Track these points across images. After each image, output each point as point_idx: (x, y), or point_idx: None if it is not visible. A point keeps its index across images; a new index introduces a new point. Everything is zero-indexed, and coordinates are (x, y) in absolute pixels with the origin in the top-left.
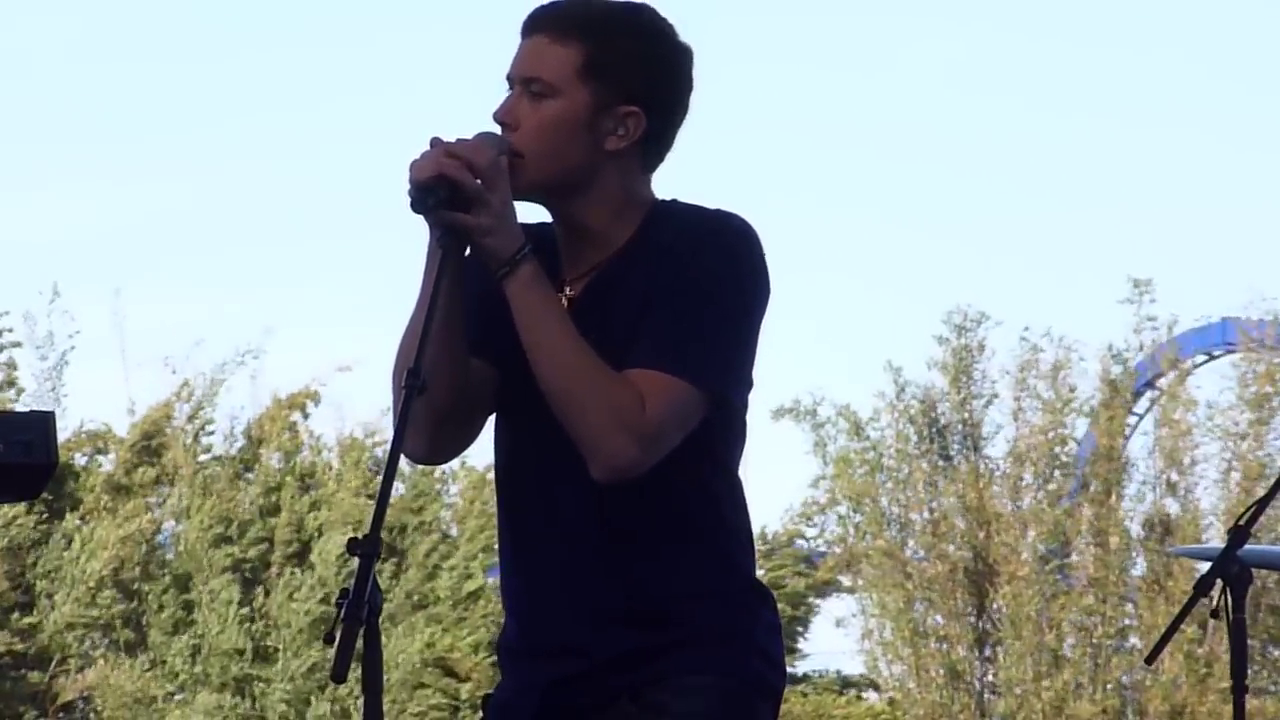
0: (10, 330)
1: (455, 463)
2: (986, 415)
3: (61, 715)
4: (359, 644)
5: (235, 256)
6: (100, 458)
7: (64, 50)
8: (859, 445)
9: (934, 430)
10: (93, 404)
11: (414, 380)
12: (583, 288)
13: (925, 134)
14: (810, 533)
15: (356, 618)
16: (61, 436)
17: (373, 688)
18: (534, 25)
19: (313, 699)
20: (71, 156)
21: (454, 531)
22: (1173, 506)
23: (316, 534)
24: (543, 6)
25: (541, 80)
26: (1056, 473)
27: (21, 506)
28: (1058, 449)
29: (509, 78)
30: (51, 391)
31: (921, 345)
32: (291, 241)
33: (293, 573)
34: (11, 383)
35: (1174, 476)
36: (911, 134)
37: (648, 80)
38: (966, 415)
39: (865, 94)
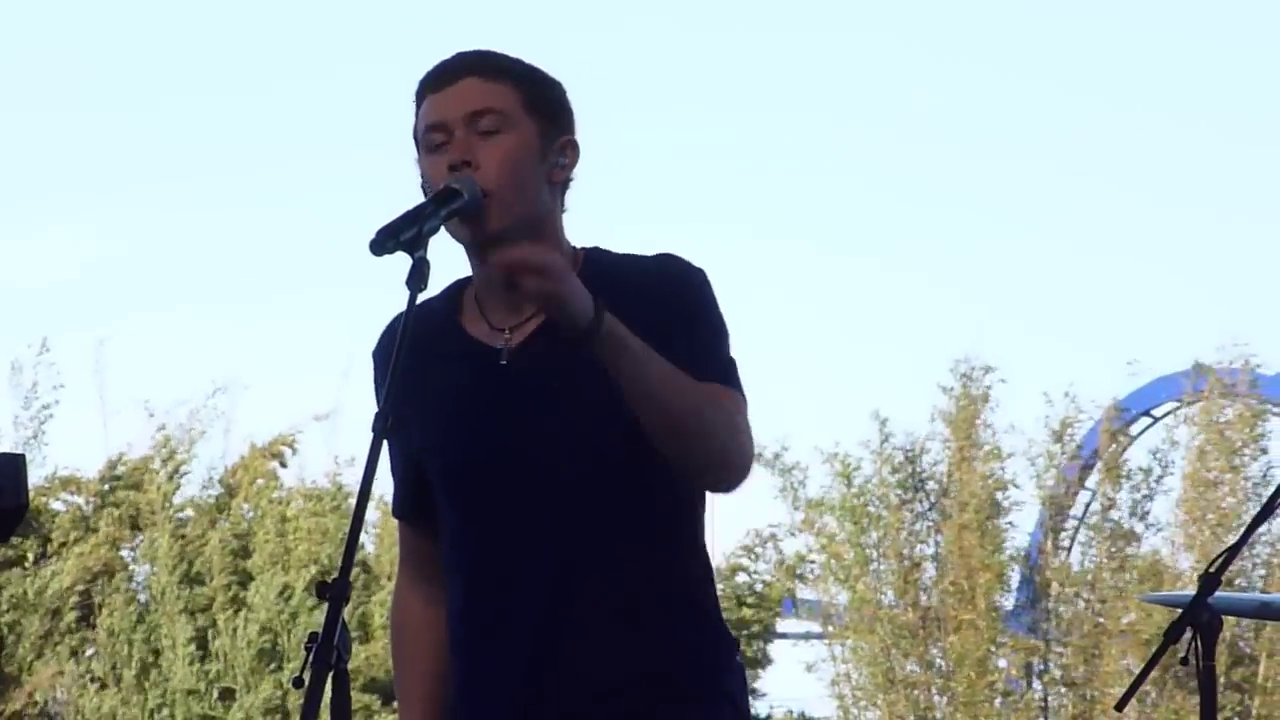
0: None
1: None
2: (986, 467)
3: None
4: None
5: (212, 303)
6: (73, 499)
7: (47, 95)
8: (843, 491)
9: (916, 480)
10: (71, 451)
11: (382, 423)
12: (532, 333)
13: (925, 178)
14: (761, 567)
15: (325, 662)
16: (39, 484)
17: None
18: (458, 71)
19: None
20: (55, 202)
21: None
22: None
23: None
24: (457, 56)
25: (495, 111)
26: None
27: None
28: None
29: (440, 124)
30: (33, 439)
31: (909, 395)
32: (267, 288)
33: (235, 612)
34: None
35: (1194, 529)
36: (912, 178)
37: (569, 117)
38: (963, 465)
39: (869, 139)
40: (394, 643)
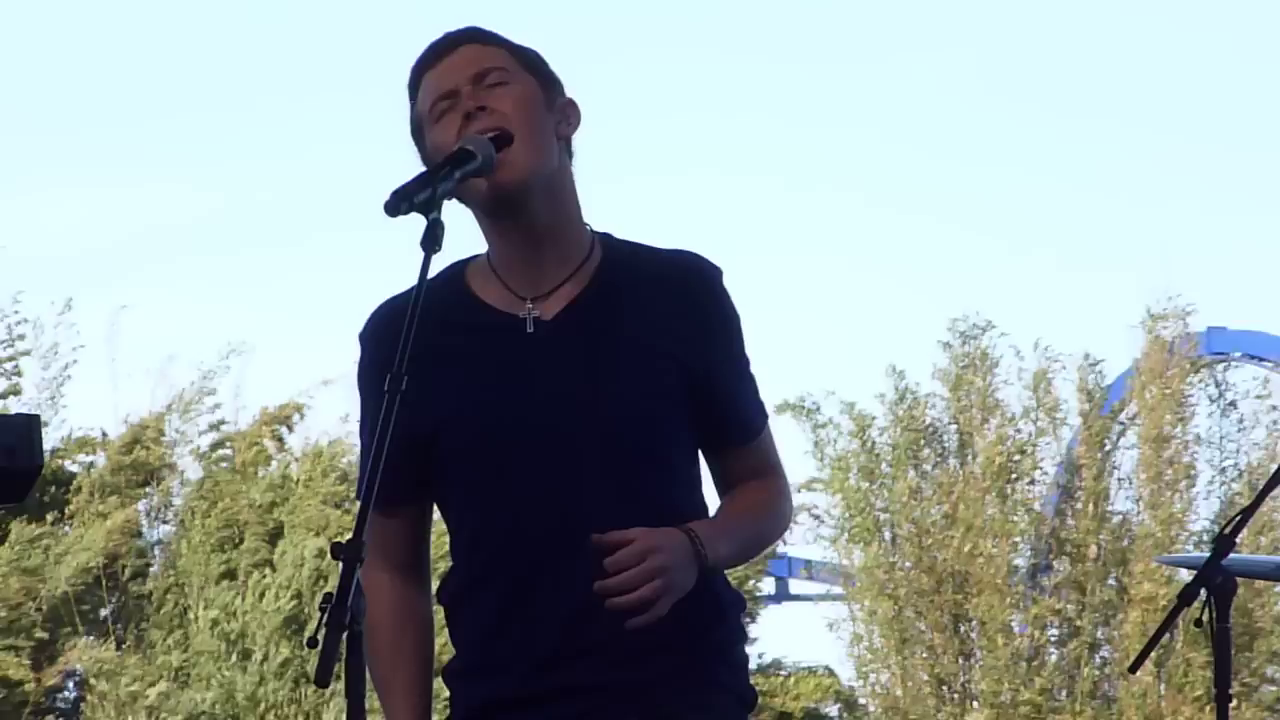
0: (22, 338)
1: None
2: (987, 424)
3: (45, 700)
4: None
5: (221, 264)
6: (88, 459)
7: (58, 53)
8: (856, 447)
9: (927, 437)
10: (86, 412)
11: (397, 385)
12: (560, 312)
13: (945, 134)
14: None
15: (339, 624)
16: (58, 444)
17: (355, 693)
18: (453, 42)
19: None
20: (61, 163)
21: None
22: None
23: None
24: (446, 34)
25: (497, 68)
26: (1037, 483)
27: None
28: (1017, 458)
29: (449, 91)
30: (51, 401)
31: (927, 350)
32: (277, 248)
33: (262, 575)
34: (15, 391)
35: (1153, 488)
36: (932, 134)
37: (561, 85)
38: (962, 422)
39: (878, 94)
40: (376, 632)
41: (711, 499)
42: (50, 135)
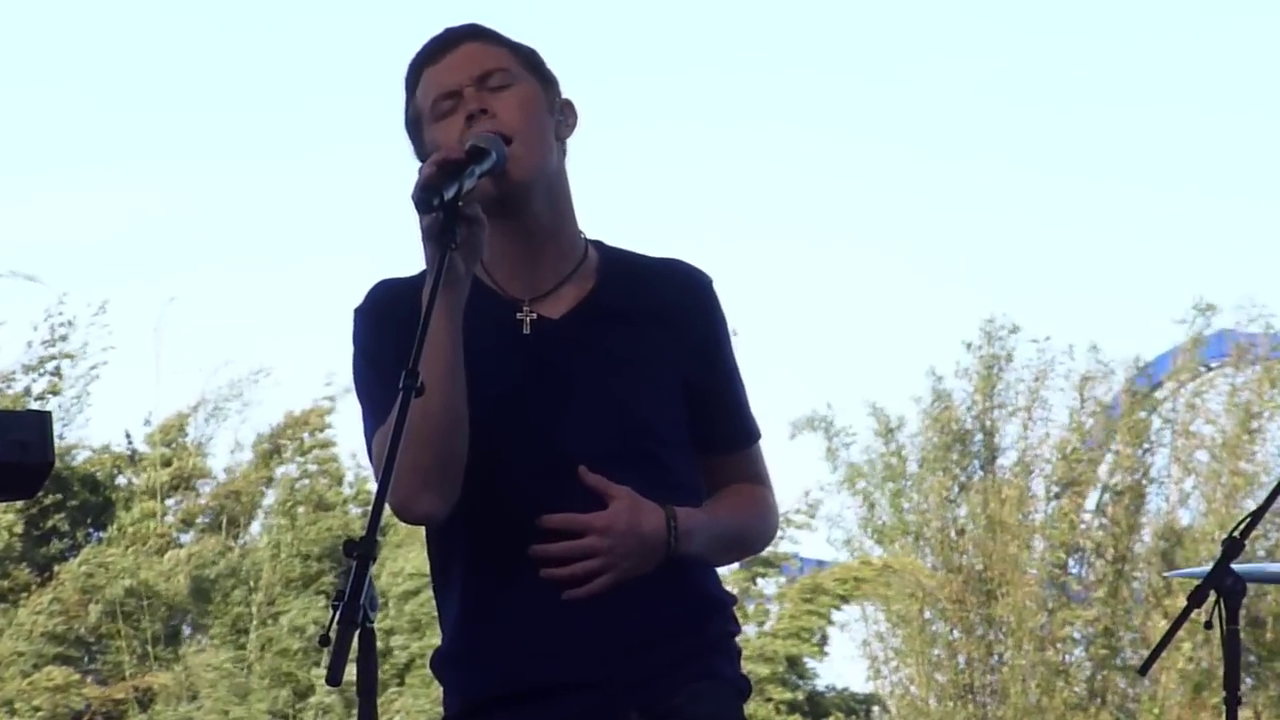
0: (64, 339)
1: None
2: (1009, 426)
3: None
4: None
5: (256, 267)
6: (129, 477)
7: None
8: (881, 448)
9: (954, 439)
10: (122, 416)
11: (411, 381)
12: (563, 316)
13: (970, 135)
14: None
15: (352, 621)
16: (90, 451)
17: (367, 691)
18: (455, 40)
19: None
20: (102, 159)
21: None
22: (1184, 518)
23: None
24: (447, 30)
25: (500, 69)
26: (1072, 486)
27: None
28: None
29: (451, 91)
30: (76, 400)
31: (954, 354)
32: (296, 255)
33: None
34: (55, 391)
35: (1187, 487)
36: (957, 134)
37: (558, 83)
38: (988, 424)
39: (910, 99)
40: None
41: None
42: (86, 127)
